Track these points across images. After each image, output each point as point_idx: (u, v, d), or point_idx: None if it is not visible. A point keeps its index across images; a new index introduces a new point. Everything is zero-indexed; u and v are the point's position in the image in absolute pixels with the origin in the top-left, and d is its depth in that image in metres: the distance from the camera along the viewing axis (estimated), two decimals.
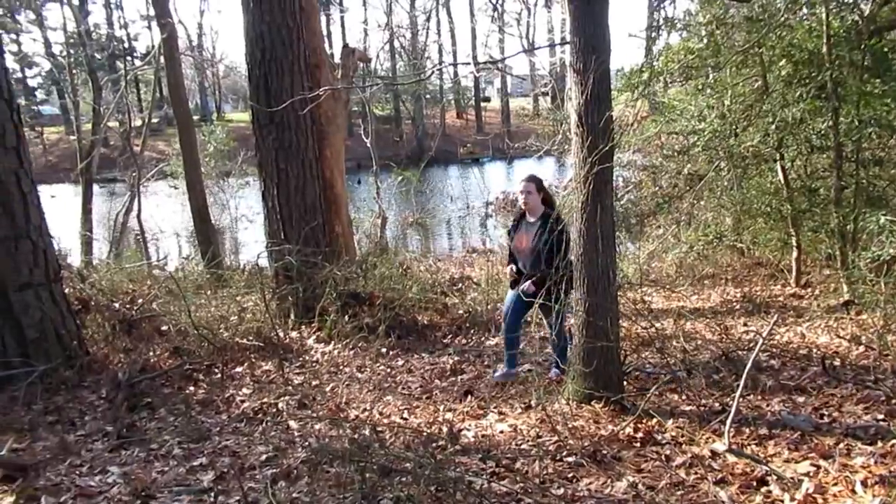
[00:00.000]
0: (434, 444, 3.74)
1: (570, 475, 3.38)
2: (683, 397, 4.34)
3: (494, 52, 46.02)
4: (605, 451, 3.60)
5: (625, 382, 4.42)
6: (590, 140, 4.03)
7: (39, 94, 46.33)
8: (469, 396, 4.78)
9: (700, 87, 8.66)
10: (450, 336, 6.60)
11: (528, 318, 5.70)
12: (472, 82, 47.30)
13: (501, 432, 4.04)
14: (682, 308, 7.35)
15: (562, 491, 3.19)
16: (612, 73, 4.40)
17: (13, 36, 38.83)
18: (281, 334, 6.23)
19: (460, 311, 7.14)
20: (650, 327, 5.71)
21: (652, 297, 8.16)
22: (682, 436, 3.71)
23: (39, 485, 3.39)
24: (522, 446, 3.80)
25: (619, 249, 9.84)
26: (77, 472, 3.56)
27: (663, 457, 3.51)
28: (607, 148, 4.03)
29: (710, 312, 6.99)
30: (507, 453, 3.69)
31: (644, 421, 3.93)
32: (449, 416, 4.39)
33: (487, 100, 54.23)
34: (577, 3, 3.97)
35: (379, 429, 4.05)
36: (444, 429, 4.13)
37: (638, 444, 3.70)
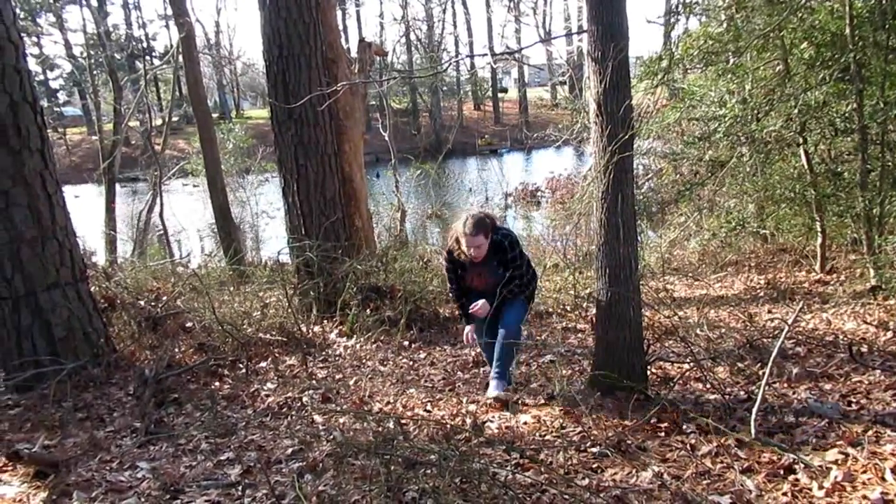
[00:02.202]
0: (458, 436, 3.75)
1: (594, 466, 3.38)
2: (708, 386, 4.31)
3: (511, 43, 45.82)
4: (629, 442, 3.59)
5: (648, 372, 4.40)
6: (609, 129, 4.00)
7: (61, 96, 46.93)
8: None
9: (720, 72, 8.55)
10: None
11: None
12: (489, 73, 47.13)
13: (525, 424, 4.04)
14: (704, 296, 7.30)
15: (586, 481, 3.19)
16: (631, 60, 4.36)
17: (34, 39, 39.33)
18: (303, 329, 6.28)
19: None
20: (673, 316, 5.68)
21: (674, 285, 8.11)
22: (708, 425, 3.68)
23: (71, 480, 3.44)
24: (546, 437, 3.79)
25: (640, 238, 9.77)
26: (107, 468, 3.62)
27: (688, 446, 3.49)
28: (627, 136, 4.01)
29: (733, 300, 6.94)
30: (531, 444, 3.69)
31: (668, 410, 3.91)
32: (472, 408, 4.40)
33: (505, 90, 54.04)
34: None
35: (403, 421, 4.06)
36: (468, 421, 4.14)
37: (662, 434, 3.68)
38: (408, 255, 7.99)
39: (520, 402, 4.40)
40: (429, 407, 4.52)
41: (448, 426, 3.97)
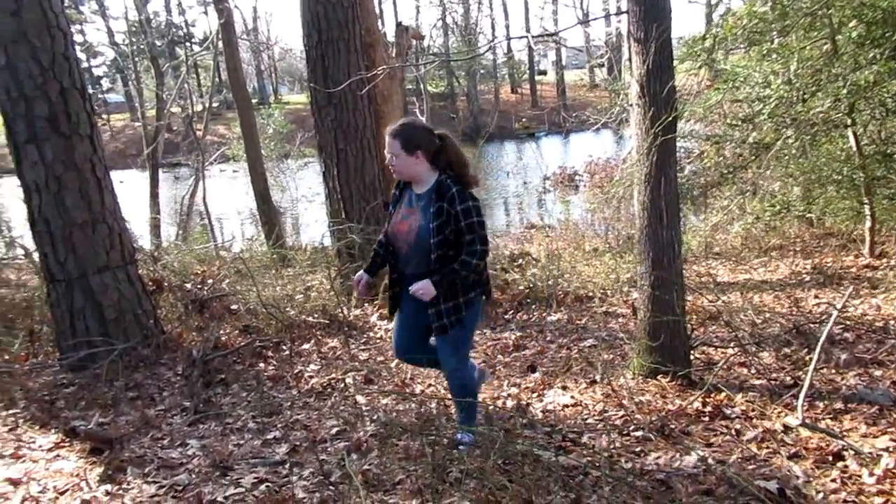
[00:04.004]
0: (500, 418, 3.77)
1: (637, 449, 3.37)
2: (753, 371, 4.26)
3: (548, 24, 45.34)
4: (672, 426, 3.57)
5: (691, 356, 4.36)
6: (652, 111, 3.95)
7: (105, 83, 47.87)
8: (533, 371, 4.79)
9: (765, 52, 8.35)
10: (511, 312, 6.60)
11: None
12: (526, 56, 46.72)
13: (566, 407, 4.05)
14: (748, 281, 7.19)
15: (630, 465, 3.18)
16: (673, 41, 4.29)
17: (78, 26, 40.13)
18: (345, 312, 6.35)
19: (521, 287, 7.13)
20: (716, 300, 5.61)
21: (717, 269, 7.99)
22: (753, 410, 3.64)
23: (125, 456, 3.56)
24: (588, 421, 3.80)
25: (682, 222, 9.63)
26: (159, 445, 3.73)
27: (733, 431, 3.46)
28: (670, 118, 3.95)
29: (778, 285, 6.81)
30: (574, 428, 3.69)
31: (712, 395, 3.88)
32: (513, 390, 4.42)
33: (543, 73, 53.52)
34: None
35: (444, 402, 4.10)
36: (509, 403, 4.17)
37: (706, 419, 3.66)
38: None
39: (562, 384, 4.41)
40: None
41: (490, 408, 3.99)
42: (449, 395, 3.86)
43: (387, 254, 3.50)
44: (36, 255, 6.01)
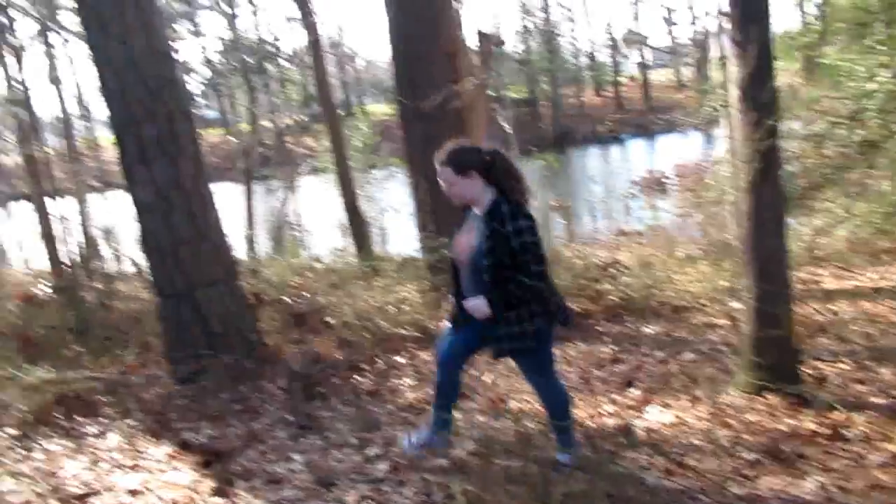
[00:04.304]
0: (601, 437, 3.70)
1: (748, 473, 3.23)
2: (872, 388, 4.01)
3: (632, 25, 44.47)
4: (785, 448, 3.41)
5: (801, 372, 4.15)
6: (753, 115, 3.80)
7: (200, 100, 50.11)
8: (631, 387, 4.67)
9: (870, 44, 7.90)
10: (604, 323, 6.48)
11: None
12: (609, 58, 45.96)
13: (669, 425, 3.93)
14: (858, 288, 6.80)
15: (741, 490, 3.06)
16: None
17: (174, 45, 42.15)
18: (437, 325, 6.38)
19: (613, 298, 6.99)
20: (825, 310, 5.33)
21: (822, 276, 7.60)
22: (875, 432, 3.43)
23: (234, 470, 3.68)
24: (693, 441, 3.67)
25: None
26: (265, 459, 3.84)
27: (855, 455, 3.27)
28: (773, 123, 3.79)
29: (892, 293, 6.41)
30: (677, 448, 3.58)
31: (827, 415, 3.68)
32: (612, 407, 4.32)
33: (632, 78, 52.43)
34: None
35: (541, 421, 4.05)
36: (608, 421, 4.08)
37: (822, 441, 3.47)
38: None
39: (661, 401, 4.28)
40: None
41: (587, 426, 3.92)
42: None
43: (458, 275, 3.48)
44: (146, 270, 6.35)
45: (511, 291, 3.09)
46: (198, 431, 4.23)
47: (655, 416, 4.07)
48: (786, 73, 7.64)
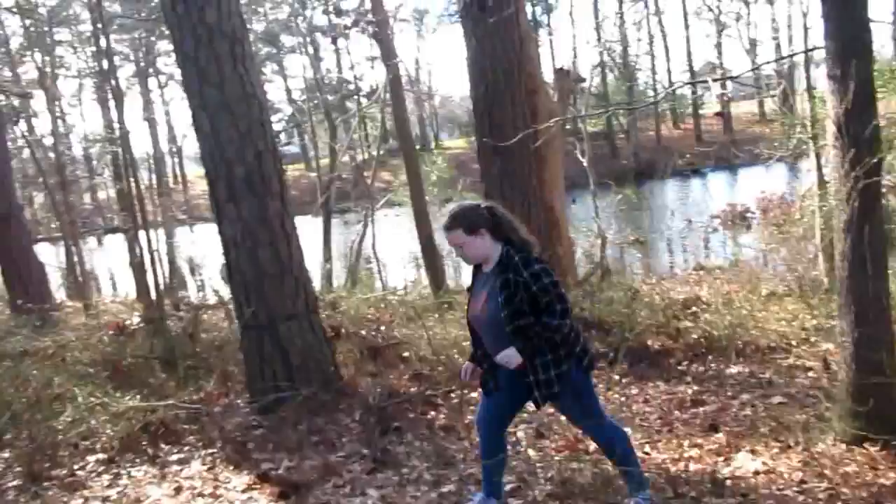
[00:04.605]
0: (686, 484, 3.56)
1: None
2: None
3: (711, 56, 43.72)
4: None
5: None
6: (853, 153, 3.64)
7: (283, 137, 51.90)
8: (715, 431, 4.48)
9: None
10: (685, 363, 6.27)
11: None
12: (688, 91, 45.21)
13: (758, 474, 3.74)
14: None
15: None
16: None
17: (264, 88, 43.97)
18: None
19: (694, 336, 6.77)
20: None
21: None
22: None
23: (310, 503, 3.71)
24: (786, 492, 3.48)
25: None
26: (341, 493, 3.86)
27: None
28: (875, 160, 3.62)
29: None
30: (769, 499, 3.40)
31: None
32: (695, 452, 4.15)
33: (721, 114, 51.25)
34: (832, 2, 3.62)
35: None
36: (692, 466, 3.92)
37: None
38: (612, 285, 7.80)
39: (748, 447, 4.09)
40: (647, 449, 4.33)
41: (670, 472, 3.78)
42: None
43: (479, 340, 3.45)
44: (229, 302, 6.57)
45: (538, 335, 3.08)
46: (275, 462, 4.30)
47: (743, 463, 3.88)
48: (888, 104, 7.30)
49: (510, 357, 3.10)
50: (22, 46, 25.27)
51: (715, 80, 6.25)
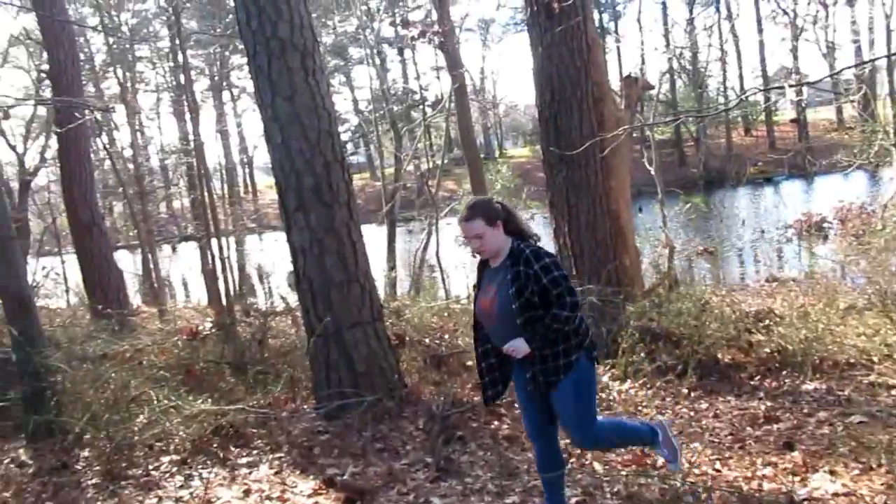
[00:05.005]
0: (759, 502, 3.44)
1: None
2: None
3: (785, 61, 42.32)
4: None
5: None
6: None
7: (349, 147, 52.86)
8: (791, 450, 4.32)
9: None
10: (757, 377, 6.07)
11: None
12: (761, 97, 43.93)
13: (836, 496, 3.58)
14: None
15: None
16: None
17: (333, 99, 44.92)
18: None
19: (767, 350, 6.54)
20: None
21: None
22: None
23: None
24: None
25: None
26: (405, 500, 3.89)
27: None
28: None
29: None
30: None
31: None
32: (769, 471, 4.01)
33: (797, 121, 49.64)
34: None
35: (690, 481, 3.83)
36: (766, 485, 3.78)
37: None
38: (683, 296, 7.60)
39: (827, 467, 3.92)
40: (717, 465, 4.20)
41: (743, 491, 3.66)
42: (693, 472, 3.61)
43: (485, 337, 3.42)
44: (296, 309, 6.71)
45: (547, 326, 3.11)
46: (341, 468, 4.36)
47: (821, 484, 3.73)
48: None
49: (518, 346, 3.13)
50: (105, 63, 26.55)
51: (792, 86, 6.04)
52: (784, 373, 6.05)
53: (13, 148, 23.08)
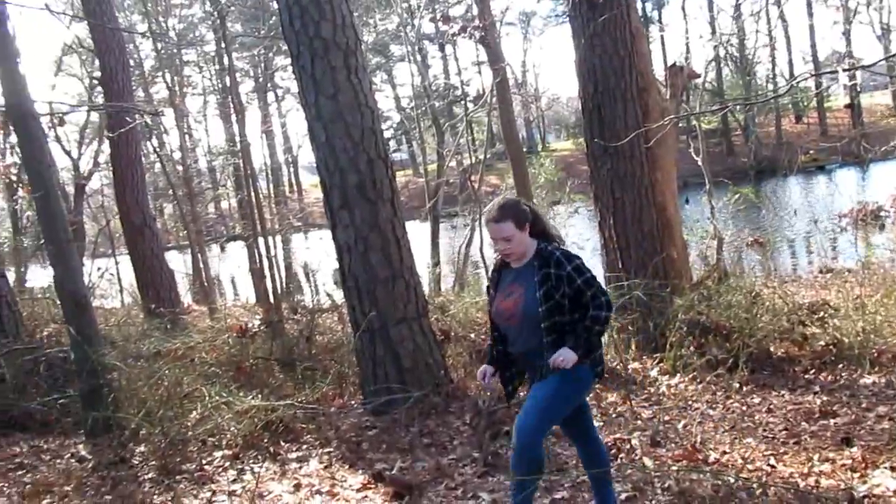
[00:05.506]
0: (817, 501, 3.34)
1: None
2: None
3: (837, 45, 41.04)
4: None
5: None
6: None
7: (391, 144, 53.19)
8: (849, 445, 4.19)
9: None
10: (812, 371, 5.91)
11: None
12: (812, 83, 42.71)
13: None
14: None
15: None
16: None
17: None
18: (623, 365, 6.17)
19: (821, 343, 6.36)
20: None
21: None
22: None
23: None
24: None
25: None
26: (453, 495, 3.89)
27: None
28: None
29: None
30: None
31: None
32: (826, 467, 3.90)
33: (850, 105, 48.15)
34: None
35: (743, 476, 3.75)
36: (823, 482, 3.68)
37: None
38: (733, 288, 7.44)
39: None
40: (772, 461, 4.11)
41: (800, 487, 3.56)
42: (747, 468, 3.53)
43: (501, 338, 3.36)
44: (342, 305, 6.78)
45: (588, 329, 3.05)
46: (389, 462, 4.39)
47: (881, 481, 3.61)
48: None
49: (567, 356, 3.01)
50: (154, 68, 27.21)
51: (846, 70, 5.85)
52: (840, 366, 5.89)
53: (68, 153, 23.92)
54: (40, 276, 17.54)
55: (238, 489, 4.22)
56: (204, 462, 4.73)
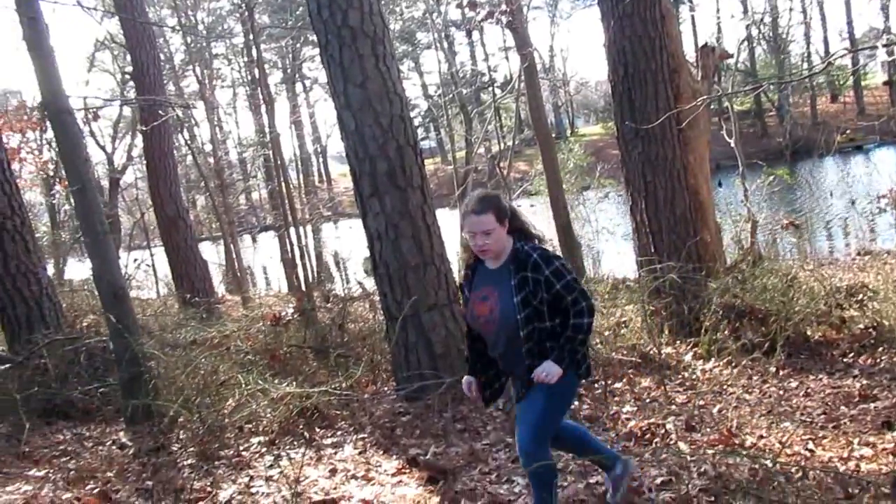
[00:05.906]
0: (857, 486, 3.29)
1: None
2: None
3: (874, 21, 39.95)
4: None
5: None
6: None
7: (419, 132, 53.14)
8: (890, 430, 4.12)
9: None
10: (851, 355, 5.81)
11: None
12: (849, 60, 41.65)
13: None
14: None
15: None
16: None
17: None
18: (658, 350, 6.13)
19: (860, 326, 6.24)
20: None
21: None
22: None
23: (458, 488, 3.79)
24: None
25: None
26: (487, 479, 3.91)
27: None
28: None
29: None
30: None
31: None
32: (867, 451, 3.84)
33: (889, 83, 46.89)
34: None
35: (781, 461, 3.70)
36: (864, 466, 3.62)
37: None
38: (768, 272, 7.32)
39: None
40: (810, 446, 4.06)
41: (839, 473, 3.51)
42: (785, 452, 3.48)
43: (478, 342, 3.18)
44: (373, 293, 6.83)
45: (570, 339, 2.89)
46: (423, 448, 4.42)
47: None
48: None
49: (549, 371, 2.87)
50: (184, 62, 27.51)
51: (885, 46, 5.70)
52: (880, 349, 5.77)
53: (102, 148, 24.36)
54: (79, 270, 17.93)
55: (275, 474, 4.28)
56: (241, 448, 4.80)
